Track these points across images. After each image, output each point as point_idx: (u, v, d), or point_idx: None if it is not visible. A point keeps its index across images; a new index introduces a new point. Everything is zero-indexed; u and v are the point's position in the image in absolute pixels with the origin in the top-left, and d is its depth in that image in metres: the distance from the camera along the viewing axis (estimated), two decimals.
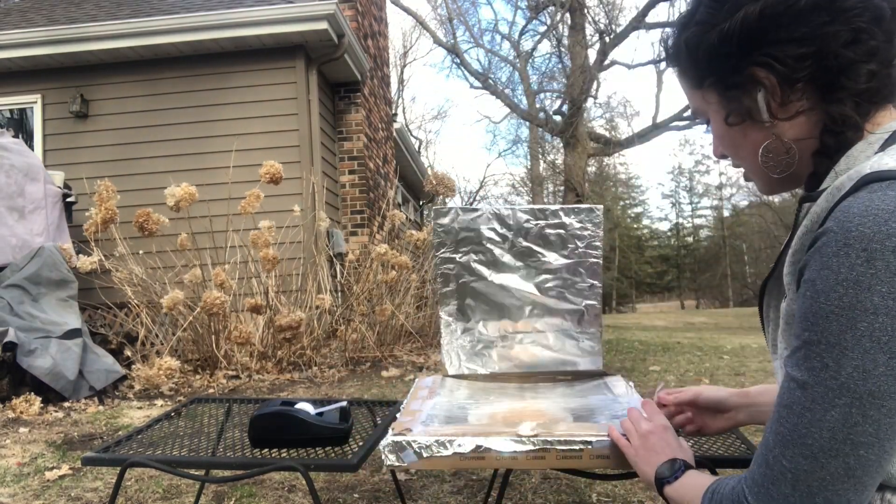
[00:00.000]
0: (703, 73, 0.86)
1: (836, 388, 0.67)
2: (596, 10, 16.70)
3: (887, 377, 0.65)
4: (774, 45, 0.78)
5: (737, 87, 0.82)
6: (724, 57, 0.82)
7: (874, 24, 0.75)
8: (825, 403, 0.67)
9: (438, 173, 6.14)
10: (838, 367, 0.66)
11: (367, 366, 4.91)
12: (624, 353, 5.68)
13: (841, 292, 0.66)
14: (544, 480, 2.30)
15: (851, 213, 0.67)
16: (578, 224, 1.51)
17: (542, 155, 25.32)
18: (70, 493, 2.30)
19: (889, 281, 0.64)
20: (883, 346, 0.65)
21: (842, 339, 0.66)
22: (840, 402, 0.66)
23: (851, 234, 0.66)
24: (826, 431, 0.67)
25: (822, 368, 0.67)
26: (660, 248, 40.67)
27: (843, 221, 0.68)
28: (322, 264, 5.55)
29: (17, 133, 6.55)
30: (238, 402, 1.86)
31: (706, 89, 0.87)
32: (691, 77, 0.89)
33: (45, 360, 3.88)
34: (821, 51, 0.76)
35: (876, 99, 0.77)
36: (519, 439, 1.04)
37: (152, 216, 4.47)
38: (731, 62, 0.81)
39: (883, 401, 0.65)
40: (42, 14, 7.17)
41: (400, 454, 1.05)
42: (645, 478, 0.94)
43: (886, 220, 0.65)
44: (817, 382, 0.68)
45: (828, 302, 0.67)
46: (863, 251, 0.65)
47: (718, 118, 0.88)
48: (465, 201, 32.81)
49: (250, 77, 6.44)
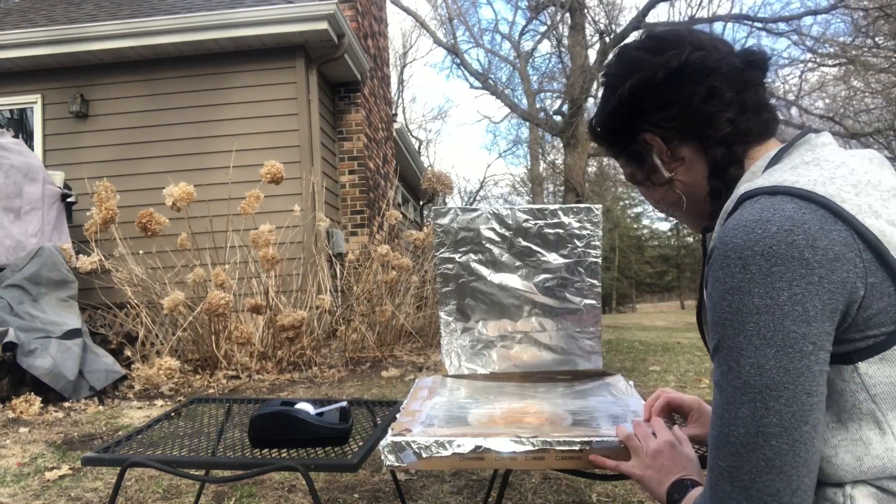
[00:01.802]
0: (609, 145, 1.03)
1: (741, 386, 0.73)
2: (596, 10, 16.72)
3: (778, 370, 0.72)
4: (648, 112, 0.94)
5: (636, 152, 0.98)
6: (617, 131, 0.99)
7: (724, 81, 0.89)
8: (735, 402, 0.74)
9: (436, 171, 6.13)
10: (738, 368, 0.74)
11: (367, 366, 4.91)
12: (624, 353, 5.67)
13: (729, 299, 0.74)
14: (544, 480, 2.30)
15: (728, 228, 0.77)
16: (577, 224, 1.51)
17: (542, 155, 25.32)
18: (70, 493, 2.30)
19: (763, 282, 0.72)
20: (769, 342, 0.72)
21: (737, 341, 0.74)
22: (746, 399, 0.73)
23: (728, 247, 0.75)
24: (741, 427, 0.73)
25: (728, 371, 0.75)
26: (660, 248, 40.63)
27: (722, 237, 0.77)
28: (322, 264, 5.55)
29: (17, 133, 6.55)
30: (238, 402, 1.86)
31: (618, 158, 1.04)
32: (610, 151, 1.05)
33: (45, 360, 3.88)
34: (683, 110, 0.91)
35: (748, 139, 0.90)
36: (518, 439, 1.04)
37: (155, 216, 4.47)
38: (622, 134, 0.99)
39: (779, 392, 0.71)
40: (42, 14, 7.17)
41: (399, 454, 1.05)
42: (655, 497, 0.96)
43: (752, 228, 0.74)
44: (727, 384, 0.75)
45: (720, 310, 0.76)
46: (738, 259, 0.74)
47: (629, 178, 1.04)
48: (465, 201, 32.81)
49: (250, 77, 6.44)
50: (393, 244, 5.76)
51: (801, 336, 0.71)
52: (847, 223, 0.73)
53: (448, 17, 19.83)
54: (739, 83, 0.90)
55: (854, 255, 0.72)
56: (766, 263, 0.72)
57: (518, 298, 1.56)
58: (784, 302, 0.71)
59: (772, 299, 0.72)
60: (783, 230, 0.73)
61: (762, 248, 0.73)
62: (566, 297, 1.55)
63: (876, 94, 15.03)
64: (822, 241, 0.72)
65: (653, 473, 0.97)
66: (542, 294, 1.55)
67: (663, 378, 4.36)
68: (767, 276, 0.72)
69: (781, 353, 0.71)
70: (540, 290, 1.54)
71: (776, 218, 0.74)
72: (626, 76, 0.95)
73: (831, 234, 0.72)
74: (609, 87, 0.99)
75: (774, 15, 14.95)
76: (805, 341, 0.71)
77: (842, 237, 0.72)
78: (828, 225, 0.73)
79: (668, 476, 0.94)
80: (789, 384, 0.71)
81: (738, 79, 0.90)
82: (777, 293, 0.72)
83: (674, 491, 0.92)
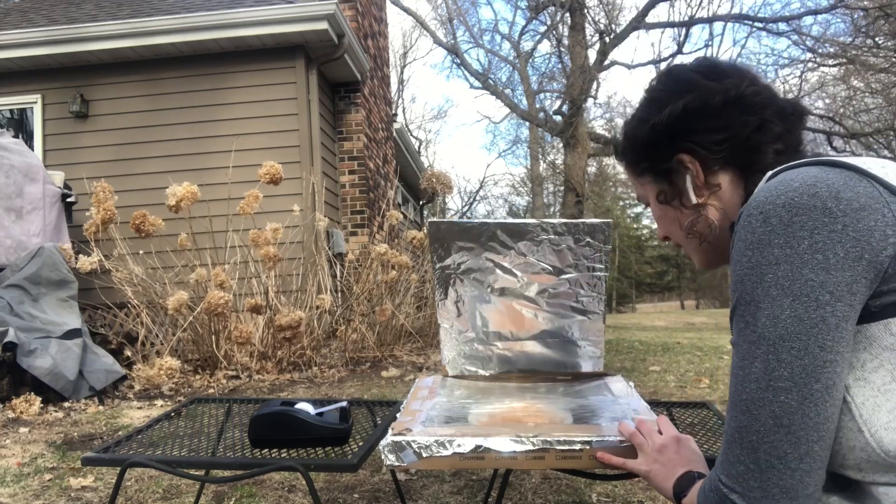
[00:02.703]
0: (639, 160, 1.01)
1: (756, 339, 0.73)
2: (596, 10, 16.71)
3: (793, 319, 0.70)
4: (696, 133, 0.92)
5: (667, 171, 0.97)
6: (655, 145, 0.96)
7: (777, 116, 0.90)
8: (750, 357, 0.73)
9: (436, 171, 6.13)
10: (755, 321, 0.73)
11: (367, 366, 4.91)
12: (624, 353, 5.67)
13: (749, 255, 0.74)
14: (544, 480, 2.30)
15: (751, 197, 0.78)
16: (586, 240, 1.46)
17: (542, 155, 25.30)
18: (70, 493, 2.30)
19: (783, 232, 0.71)
20: (786, 291, 0.71)
21: (754, 294, 0.73)
22: (759, 353, 0.72)
23: (751, 206, 0.76)
24: (752, 383, 0.72)
25: (745, 326, 0.74)
26: (660, 248, 40.61)
27: (746, 206, 0.78)
28: (322, 264, 5.55)
29: (17, 133, 6.55)
30: (238, 402, 1.86)
31: (643, 175, 1.02)
32: (632, 165, 1.03)
33: (45, 360, 3.88)
34: (734, 136, 0.90)
35: None
36: (518, 439, 1.04)
37: (148, 218, 4.46)
38: (660, 150, 0.96)
39: (792, 343, 0.70)
40: (42, 14, 7.17)
41: (400, 454, 1.05)
42: (662, 491, 0.96)
43: (776, 187, 0.75)
44: (743, 340, 0.75)
45: (740, 267, 0.75)
46: (759, 214, 0.74)
47: (653, 198, 1.02)
48: (464, 201, 32.82)
49: (250, 77, 6.43)
50: (393, 244, 5.76)
51: (819, 284, 0.69)
52: (873, 179, 0.73)
53: (448, 17, 19.84)
54: (786, 122, 0.91)
55: (881, 206, 0.71)
56: (787, 214, 0.72)
57: (519, 307, 1.54)
58: (804, 250, 0.70)
59: (791, 248, 0.71)
60: (806, 184, 0.72)
61: (784, 201, 0.72)
62: (569, 307, 1.52)
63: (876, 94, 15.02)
64: (847, 192, 0.71)
65: (659, 468, 0.97)
66: (544, 304, 1.52)
67: (663, 378, 4.36)
68: (788, 227, 0.71)
69: (797, 301, 0.70)
70: (542, 301, 1.52)
71: (800, 177, 0.74)
72: (679, 94, 0.94)
73: (857, 188, 0.72)
74: (655, 102, 0.97)
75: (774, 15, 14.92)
76: (822, 290, 0.69)
77: (867, 191, 0.72)
78: (853, 182, 0.72)
79: (674, 470, 0.94)
80: (802, 334, 0.70)
81: (785, 118, 0.91)
82: (797, 242, 0.70)
83: (681, 484, 0.91)
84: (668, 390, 3.92)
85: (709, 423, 1.55)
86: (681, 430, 1.46)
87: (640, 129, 0.99)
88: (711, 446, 1.36)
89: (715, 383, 4.09)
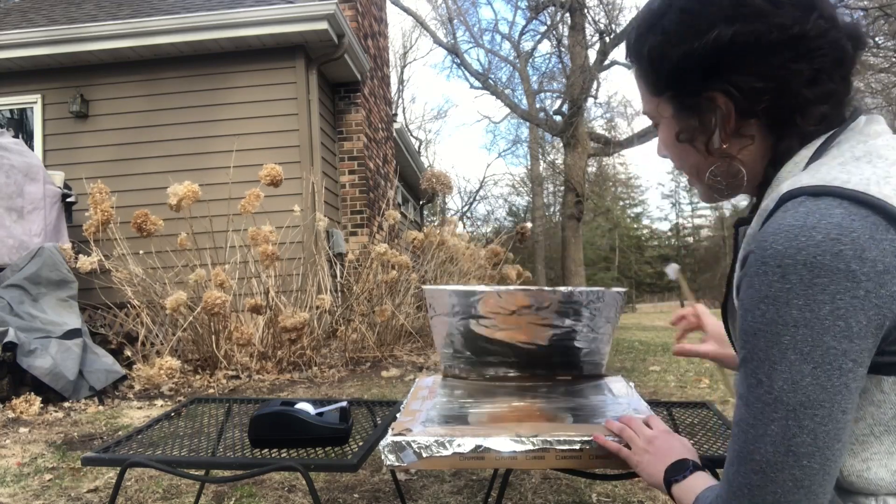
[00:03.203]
0: (662, 84, 0.85)
1: (772, 402, 0.68)
2: (596, 10, 16.73)
3: (814, 386, 0.66)
4: (738, 74, 0.77)
5: (694, 107, 0.82)
6: (687, 75, 0.81)
7: (834, 67, 0.76)
8: (764, 418, 0.69)
9: (435, 171, 6.13)
10: (770, 382, 0.68)
11: (367, 366, 4.91)
12: (624, 353, 5.67)
13: (763, 309, 0.68)
14: (544, 480, 2.30)
15: (767, 232, 0.70)
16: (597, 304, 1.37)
17: (542, 155, 25.31)
18: (70, 493, 2.30)
19: (804, 293, 0.66)
20: (806, 357, 0.66)
21: (770, 353, 0.68)
22: (777, 416, 0.68)
23: (767, 253, 0.68)
24: (769, 446, 0.69)
25: (758, 384, 0.69)
26: (660, 248, 40.65)
27: (760, 242, 0.70)
28: (322, 264, 5.55)
29: (17, 133, 6.55)
30: (238, 402, 1.86)
31: (662, 100, 0.87)
32: (650, 84, 0.88)
33: (45, 360, 3.88)
34: (781, 88, 0.76)
35: (820, 134, 0.78)
36: (518, 439, 1.04)
37: (150, 217, 4.47)
38: (692, 82, 0.81)
39: (814, 410, 0.67)
40: (42, 14, 7.17)
41: (400, 454, 1.05)
42: (652, 479, 0.94)
43: (796, 235, 0.67)
44: (756, 399, 0.70)
45: (754, 320, 0.70)
46: (777, 267, 0.67)
47: (669, 131, 0.88)
48: (464, 201, 32.82)
49: (250, 77, 6.44)
50: (393, 244, 5.76)
51: (842, 353, 0.66)
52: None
53: (448, 17, 19.84)
54: (842, 70, 0.78)
55: None
56: (809, 274, 0.66)
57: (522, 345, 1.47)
58: (825, 316, 0.66)
59: (812, 312, 0.66)
60: (829, 239, 0.66)
61: (805, 258, 0.66)
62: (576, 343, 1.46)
63: (876, 94, 15.03)
64: (872, 251, 0.66)
65: (650, 457, 0.96)
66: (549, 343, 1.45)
67: (663, 378, 4.36)
68: (809, 288, 0.66)
69: (819, 369, 0.66)
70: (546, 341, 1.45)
71: (822, 225, 0.67)
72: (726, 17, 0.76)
73: (882, 245, 0.66)
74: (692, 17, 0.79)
75: None
76: (845, 358, 0.66)
77: (893, 247, 0.66)
78: (878, 234, 0.66)
79: (665, 457, 0.93)
80: (826, 402, 0.67)
81: (843, 64, 0.77)
82: (818, 306, 0.66)
83: (673, 470, 0.90)
84: (668, 390, 3.93)
85: (709, 423, 1.55)
86: (681, 430, 1.46)
87: (668, 49, 0.81)
88: (711, 446, 1.36)
89: (715, 383, 4.09)
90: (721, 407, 3.31)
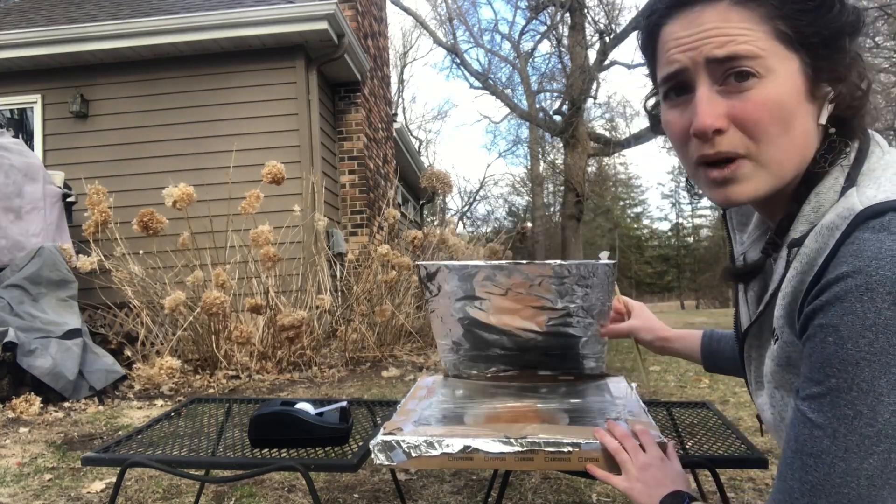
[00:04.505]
0: (804, 28, 0.74)
1: (874, 435, 0.65)
2: (596, 10, 16.72)
3: None
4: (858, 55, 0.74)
5: (832, 64, 0.75)
6: (839, 30, 0.75)
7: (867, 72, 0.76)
8: (862, 451, 0.66)
9: (435, 170, 6.13)
10: (874, 414, 0.65)
11: (367, 366, 4.91)
12: (624, 353, 5.67)
13: (871, 338, 0.64)
14: (544, 480, 2.30)
15: (866, 256, 0.66)
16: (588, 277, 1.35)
17: (542, 155, 25.32)
18: (70, 493, 2.30)
19: None
20: None
21: (875, 385, 0.65)
22: (879, 449, 0.65)
23: (873, 279, 0.65)
24: (864, 479, 0.66)
25: (856, 416, 0.66)
26: (660, 248, 40.64)
27: (859, 266, 0.66)
28: (322, 264, 5.55)
29: (17, 133, 6.55)
30: (238, 402, 1.86)
31: (795, 48, 0.75)
32: (774, 20, 0.74)
33: (45, 360, 3.88)
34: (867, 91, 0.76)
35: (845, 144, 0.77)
36: (507, 440, 1.04)
37: (156, 216, 4.47)
38: (841, 38, 0.75)
39: None
40: (42, 14, 7.17)
41: (389, 453, 1.06)
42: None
43: None
44: (851, 431, 0.66)
45: (857, 348, 0.65)
46: (888, 295, 0.64)
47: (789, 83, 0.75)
48: (464, 201, 32.82)
49: (250, 77, 6.44)
50: (392, 244, 5.76)
51: None
52: None
53: (448, 17, 19.86)
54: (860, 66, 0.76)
55: None
56: None
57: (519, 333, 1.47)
58: None
59: None
60: None
61: None
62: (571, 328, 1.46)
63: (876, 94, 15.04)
64: None
65: (642, 487, 0.95)
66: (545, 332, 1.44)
67: (663, 378, 4.36)
68: None
69: None
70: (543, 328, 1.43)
71: None
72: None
73: None
74: None
75: None
76: None
77: None
78: None
79: (659, 489, 0.93)
80: None
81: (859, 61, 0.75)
82: None
83: (668, 501, 0.90)
84: (668, 390, 3.93)
85: (709, 423, 1.54)
86: (681, 431, 1.46)
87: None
88: (711, 446, 1.36)
89: (715, 383, 4.09)
90: (721, 407, 3.31)
